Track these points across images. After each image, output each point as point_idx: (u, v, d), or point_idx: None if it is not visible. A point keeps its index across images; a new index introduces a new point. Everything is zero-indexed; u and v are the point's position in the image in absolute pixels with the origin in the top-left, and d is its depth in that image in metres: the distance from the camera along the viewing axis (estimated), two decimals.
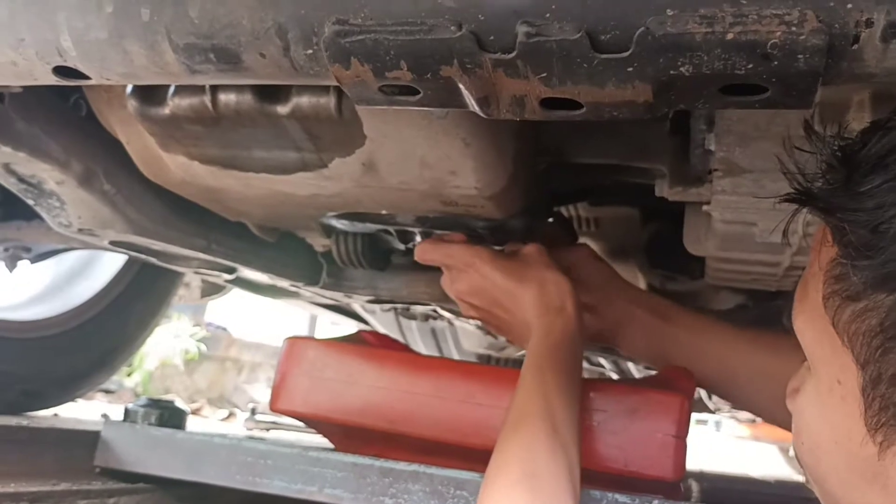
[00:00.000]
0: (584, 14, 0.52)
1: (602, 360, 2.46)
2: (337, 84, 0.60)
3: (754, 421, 4.58)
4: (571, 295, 1.02)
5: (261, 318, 7.34)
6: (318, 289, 1.41)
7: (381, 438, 1.15)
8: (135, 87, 0.92)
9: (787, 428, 0.92)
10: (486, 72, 0.56)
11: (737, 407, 1.17)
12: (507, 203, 1.00)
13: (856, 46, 0.50)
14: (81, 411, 2.15)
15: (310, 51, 0.60)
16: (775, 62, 0.50)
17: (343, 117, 0.85)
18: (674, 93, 0.55)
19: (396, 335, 2.73)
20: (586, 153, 1.10)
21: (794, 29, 0.48)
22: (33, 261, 1.50)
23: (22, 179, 1.03)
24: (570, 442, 0.86)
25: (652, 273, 1.57)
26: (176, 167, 1.02)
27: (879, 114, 0.68)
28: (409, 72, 0.57)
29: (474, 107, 0.61)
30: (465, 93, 0.59)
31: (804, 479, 0.71)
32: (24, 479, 1.16)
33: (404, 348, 1.41)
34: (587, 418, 1.02)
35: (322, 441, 1.38)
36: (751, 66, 0.51)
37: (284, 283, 1.42)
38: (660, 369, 1.14)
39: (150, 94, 0.91)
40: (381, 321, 2.63)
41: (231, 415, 4.68)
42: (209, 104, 0.87)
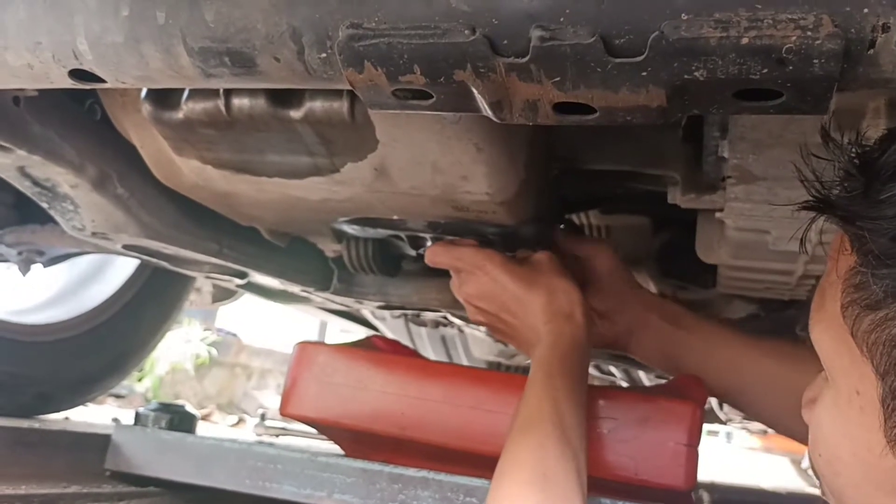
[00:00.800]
0: (599, 18, 0.52)
1: (613, 369, 2.45)
2: (350, 88, 0.60)
3: (766, 432, 4.54)
4: (580, 303, 1.02)
5: (271, 325, 7.36)
6: (329, 294, 1.42)
7: (391, 444, 1.15)
8: (149, 91, 0.92)
9: (800, 439, 0.92)
10: (500, 76, 0.56)
11: (749, 417, 1.16)
12: (518, 209, 1.00)
13: (872, 51, 0.49)
14: (92, 415, 2.15)
15: (323, 54, 0.60)
16: (790, 67, 0.50)
17: (356, 122, 0.86)
18: (688, 97, 0.55)
19: (406, 341, 2.73)
20: (598, 159, 1.09)
21: (809, 34, 0.48)
22: (46, 264, 1.51)
23: (36, 183, 1.04)
24: (579, 447, 0.86)
25: (663, 282, 1.56)
26: (189, 171, 1.02)
27: None
28: (423, 76, 0.57)
29: (487, 111, 0.61)
30: (478, 97, 0.59)
31: (819, 491, 0.70)
32: (36, 482, 1.16)
33: (414, 354, 1.40)
34: (598, 426, 1.01)
35: (332, 447, 1.38)
36: (766, 70, 0.50)
37: (295, 288, 1.42)
38: (672, 376, 1.13)
39: (164, 98, 0.92)
40: (392, 327, 2.63)
41: (240, 420, 4.69)
42: (223, 108, 0.88)
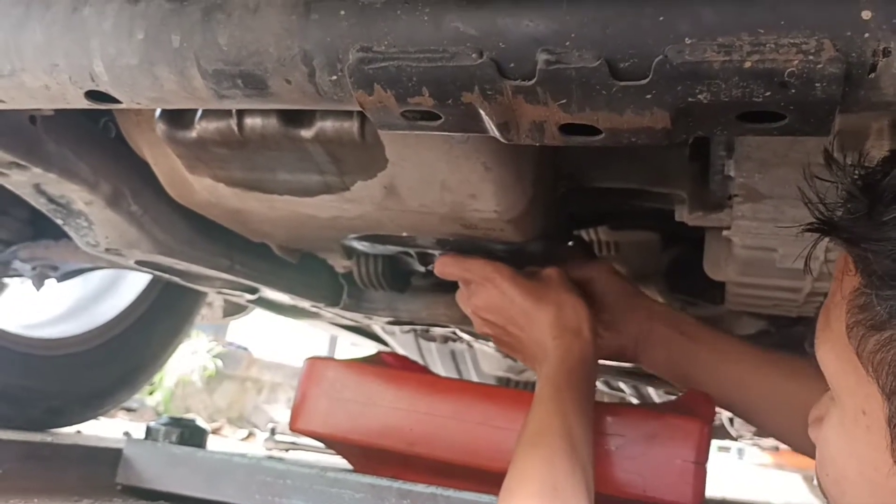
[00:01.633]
0: (604, 42, 0.53)
1: (622, 385, 2.44)
2: (360, 109, 0.62)
3: (777, 449, 4.51)
4: (588, 319, 1.03)
5: (281, 339, 7.37)
6: (339, 310, 1.42)
7: (400, 460, 1.15)
8: (163, 111, 0.94)
9: (807, 453, 0.91)
10: (507, 98, 0.57)
11: (757, 429, 1.16)
12: (526, 227, 1.01)
13: (873, 75, 0.50)
14: (103, 429, 2.17)
15: (334, 77, 0.61)
16: (793, 90, 0.50)
17: (365, 141, 0.87)
18: (692, 120, 0.56)
19: (416, 357, 2.74)
20: (606, 178, 1.10)
21: (811, 58, 0.49)
22: (60, 279, 1.52)
23: (51, 199, 1.06)
24: (587, 462, 0.86)
25: (672, 298, 1.56)
26: (202, 189, 1.04)
27: None
28: (431, 98, 0.58)
29: (494, 132, 0.62)
30: (486, 118, 0.60)
31: None
32: (47, 496, 1.17)
33: (423, 370, 1.41)
34: (606, 443, 1.01)
35: (341, 462, 1.38)
36: (768, 93, 0.51)
37: (305, 304, 1.43)
38: (680, 387, 1.13)
39: (178, 118, 0.93)
40: (401, 343, 2.63)
41: (251, 434, 4.70)
42: (235, 128, 0.89)
